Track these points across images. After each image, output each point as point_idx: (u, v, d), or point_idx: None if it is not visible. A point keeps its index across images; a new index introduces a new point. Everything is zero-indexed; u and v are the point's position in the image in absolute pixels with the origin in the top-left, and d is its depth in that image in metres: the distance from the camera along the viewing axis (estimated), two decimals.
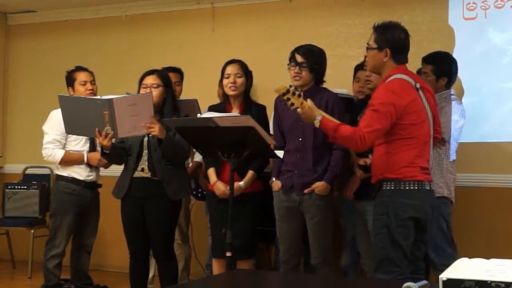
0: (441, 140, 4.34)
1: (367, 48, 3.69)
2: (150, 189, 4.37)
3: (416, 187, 3.54)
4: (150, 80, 4.40)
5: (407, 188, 3.53)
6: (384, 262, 3.53)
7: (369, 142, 3.50)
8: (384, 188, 3.57)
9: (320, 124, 3.52)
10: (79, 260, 5.09)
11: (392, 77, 3.58)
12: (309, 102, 3.55)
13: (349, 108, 4.45)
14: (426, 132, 3.64)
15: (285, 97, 3.52)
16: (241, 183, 4.45)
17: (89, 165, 4.94)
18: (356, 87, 4.74)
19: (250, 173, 4.50)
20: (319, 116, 3.52)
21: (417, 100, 3.60)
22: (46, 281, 5.02)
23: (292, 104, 3.53)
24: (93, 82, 4.98)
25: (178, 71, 5.37)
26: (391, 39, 3.62)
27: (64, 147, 4.94)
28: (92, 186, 5.01)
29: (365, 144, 3.49)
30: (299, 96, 3.53)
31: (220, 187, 4.50)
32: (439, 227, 4.37)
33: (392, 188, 3.54)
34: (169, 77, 4.58)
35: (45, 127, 5.01)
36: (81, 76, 4.95)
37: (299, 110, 3.54)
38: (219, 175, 4.55)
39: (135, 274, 4.56)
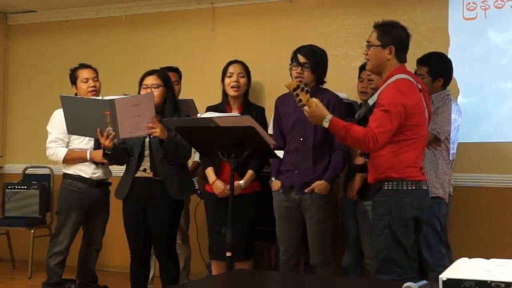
0: (435, 140, 4.35)
1: (369, 46, 3.63)
2: (153, 188, 4.37)
3: (416, 187, 3.54)
4: (150, 80, 4.40)
5: (409, 188, 3.52)
6: (386, 263, 3.51)
7: (382, 143, 3.45)
8: (386, 188, 3.54)
9: (330, 123, 3.45)
10: (88, 257, 5.11)
11: (395, 77, 3.55)
12: (316, 101, 3.49)
13: (349, 113, 4.41)
14: (425, 134, 3.68)
15: (295, 93, 3.45)
16: (241, 182, 4.46)
17: (94, 162, 4.94)
18: (359, 87, 4.74)
19: (249, 172, 4.51)
20: (329, 115, 3.46)
21: (421, 102, 3.60)
22: (47, 278, 5.03)
23: (300, 100, 3.45)
24: (95, 79, 4.97)
25: (176, 71, 5.37)
26: (396, 37, 3.61)
27: (67, 146, 4.94)
28: (99, 184, 5.01)
29: (377, 145, 3.44)
30: (307, 92, 3.46)
31: (219, 186, 4.51)
32: (433, 227, 4.37)
33: (395, 188, 3.52)
34: (169, 77, 4.59)
35: (48, 127, 5.01)
36: (83, 74, 4.95)
37: (306, 108, 3.47)
38: (217, 175, 4.55)
39: (136, 274, 4.56)
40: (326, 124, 3.46)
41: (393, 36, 3.60)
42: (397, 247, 3.50)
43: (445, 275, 1.98)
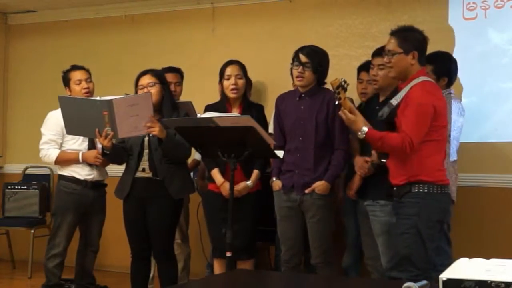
0: None
1: (392, 54, 3.65)
2: (152, 189, 4.37)
3: (444, 191, 3.63)
4: (146, 79, 4.40)
5: (439, 191, 3.59)
6: (404, 262, 3.55)
7: (416, 145, 3.52)
8: (417, 190, 3.59)
9: (367, 135, 3.55)
10: (85, 258, 5.09)
11: (419, 79, 3.60)
12: (351, 105, 3.57)
13: None
14: (446, 135, 3.76)
15: (338, 90, 3.51)
16: (249, 182, 4.48)
17: (88, 164, 4.93)
18: (359, 89, 4.73)
19: (255, 172, 4.51)
20: (364, 128, 3.54)
21: (446, 103, 3.70)
22: (46, 280, 5.02)
23: (340, 98, 3.52)
24: (88, 80, 4.95)
25: (178, 71, 5.35)
26: (415, 42, 3.66)
27: (60, 147, 4.93)
28: (95, 186, 4.99)
29: (414, 148, 3.51)
30: (345, 90, 3.53)
31: (228, 188, 4.49)
32: None
33: (426, 190, 3.58)
34: (164, 75, 4.58)
35: (42, 129, 5.01)
36: (75, 75, 4.93)
37: (343, 110, 3.54)
38: (223, 176, 4.53)
39: (137, 274, 4.56)
40: (361, 136, 3.57)
41: (413, 41, 3.65)
42: (420, 249, 3.55)
43: (445, 275, 1.99)
